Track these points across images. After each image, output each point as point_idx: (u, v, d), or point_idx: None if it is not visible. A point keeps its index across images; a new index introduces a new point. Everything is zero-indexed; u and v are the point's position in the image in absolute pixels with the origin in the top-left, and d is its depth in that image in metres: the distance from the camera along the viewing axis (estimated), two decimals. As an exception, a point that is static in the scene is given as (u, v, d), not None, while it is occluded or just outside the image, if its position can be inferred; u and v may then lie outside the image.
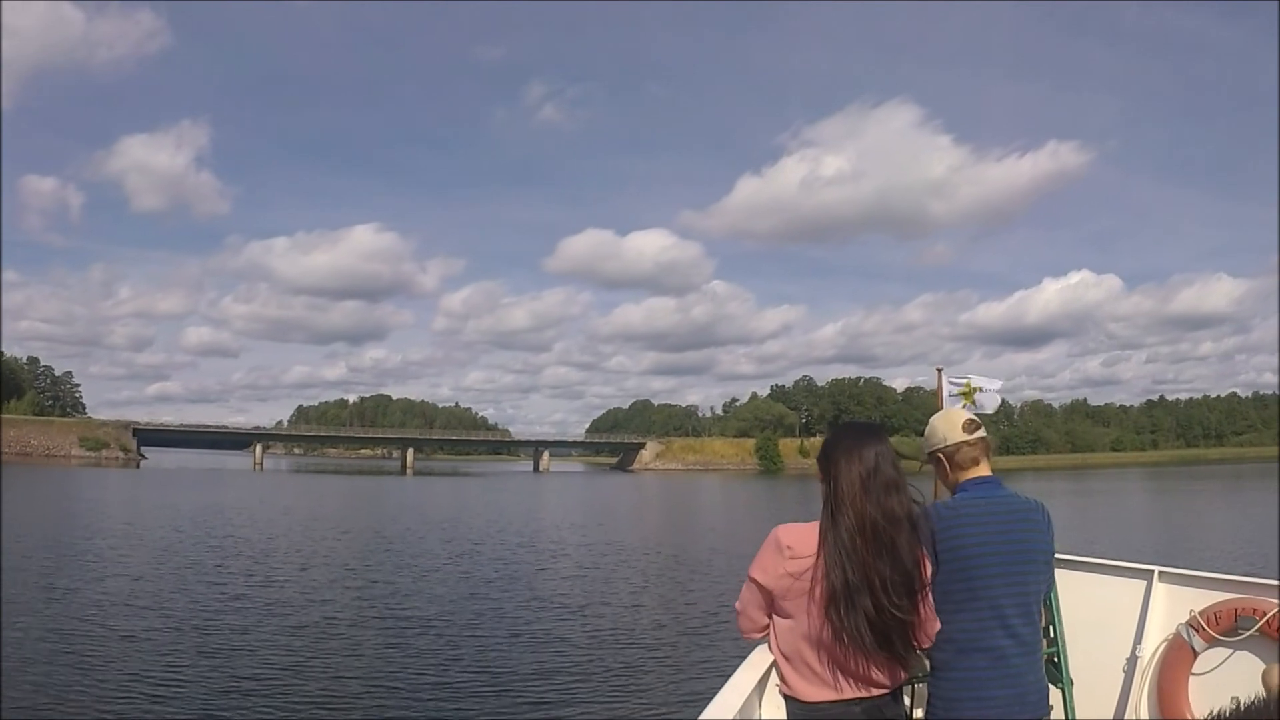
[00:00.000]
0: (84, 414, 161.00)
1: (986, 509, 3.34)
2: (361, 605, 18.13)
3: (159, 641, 14.24)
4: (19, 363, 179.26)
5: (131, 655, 13.33)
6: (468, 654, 14.01)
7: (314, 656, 13.62)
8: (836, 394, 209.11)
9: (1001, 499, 3.40)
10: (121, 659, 13.10)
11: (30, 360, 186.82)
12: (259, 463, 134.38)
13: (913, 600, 3.02)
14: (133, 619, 16.01)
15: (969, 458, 3.49)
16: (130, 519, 37.24)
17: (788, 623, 3.09)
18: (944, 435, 3.53)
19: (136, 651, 13.58)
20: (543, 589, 20.75)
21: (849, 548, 2.96)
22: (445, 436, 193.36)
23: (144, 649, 13.74)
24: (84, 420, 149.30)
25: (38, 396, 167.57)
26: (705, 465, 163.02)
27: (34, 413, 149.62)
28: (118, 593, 18.77)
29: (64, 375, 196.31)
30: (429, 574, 22.77)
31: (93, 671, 12.34)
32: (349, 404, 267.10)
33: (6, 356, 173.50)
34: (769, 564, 3.10)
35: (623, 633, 15.91)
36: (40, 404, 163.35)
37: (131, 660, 13.04)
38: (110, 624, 15.49)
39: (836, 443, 3.17)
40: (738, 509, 60.42)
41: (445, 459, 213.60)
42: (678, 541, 33.97)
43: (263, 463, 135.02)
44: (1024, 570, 3.29)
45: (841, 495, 3.04)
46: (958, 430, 3.51)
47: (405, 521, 40.45)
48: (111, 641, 14.22)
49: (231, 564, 23.68)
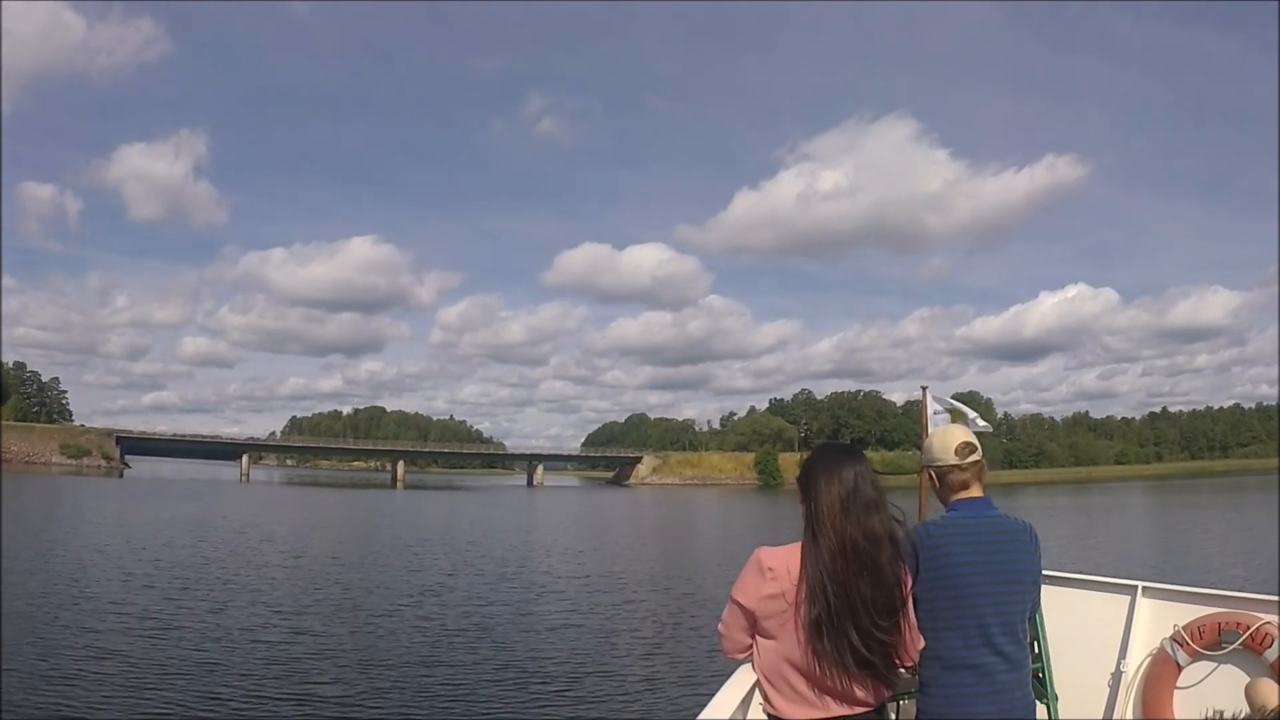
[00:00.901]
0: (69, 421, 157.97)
1: (975, 528, 3.43)
2: (328, 628, 17.39)
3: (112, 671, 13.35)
4: (5, 368, 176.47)
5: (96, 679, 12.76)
6: (445, 675, 13.76)
7: (282, 679, 13.13)
8: (836, 407, 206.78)
9: (990, 519, 3.48)
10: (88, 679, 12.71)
11: (17, 365, 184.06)
12: (245, 474, 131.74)
13: (895, 619, 3.05)
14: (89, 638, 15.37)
15: (959, 481, 3.56)
16: (87, 531, 35.74)
17: (770, 643, 3.10)
18: (937, 455, 3.61)
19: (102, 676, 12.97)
20: (525, 607, 20.56)
21: (830, 569, 2.98)
22: (437, 449, 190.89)
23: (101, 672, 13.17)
24: (66, 427, 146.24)
25: (22, 402, 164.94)
26: (703, 480, 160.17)
27: (16, 418, 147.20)
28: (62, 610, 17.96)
29: (50, 381, 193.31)
30: (401, 597, 21.52)
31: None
32: (342, 416, 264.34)
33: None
34: (750, 586, 3.11)
35: (606, 651, 15.82)
36: (25, 410, 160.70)
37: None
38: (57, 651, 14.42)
39: (815, 464, 3.20)
40: (736, 525, 59.01)
41: (439, 472, 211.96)
42: (670, 558, 33.88)
43: (249, 474, 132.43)
44: (1010, 590, 3.38)
45: (822, 516, 3.05)
46: (950, 453, 3.57)
47: (383, 539, 38.65)
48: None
49: (191, 583, 22.52)
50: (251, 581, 23.25)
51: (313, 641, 15.87)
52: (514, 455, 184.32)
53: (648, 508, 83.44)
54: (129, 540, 32.37)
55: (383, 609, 19.56)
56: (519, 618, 18.99)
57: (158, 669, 13.32)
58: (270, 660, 14.27)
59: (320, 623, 17.74)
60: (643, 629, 18.15)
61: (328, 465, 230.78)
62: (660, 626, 18.39)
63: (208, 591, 21.17)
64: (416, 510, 66.26)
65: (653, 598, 22.48)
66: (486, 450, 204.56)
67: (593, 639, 16.88)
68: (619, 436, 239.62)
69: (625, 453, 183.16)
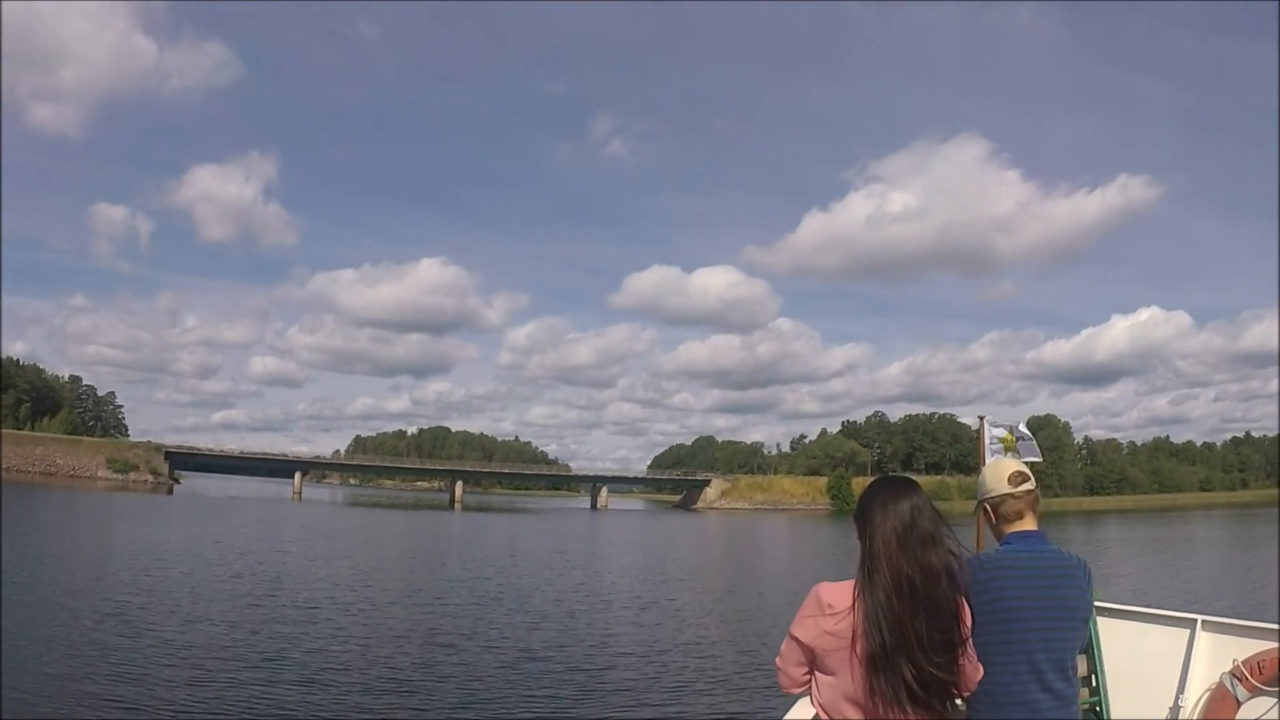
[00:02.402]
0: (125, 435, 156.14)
1: (1029, 563, 3.41)
2: (344, 650, 17.00)
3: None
4: (60, 380, 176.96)
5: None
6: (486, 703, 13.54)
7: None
8: (910, 430, 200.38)
9: (1044, 554, 3.45)
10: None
11: (73, 379, 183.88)
12: (298, 492, 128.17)
13: (952, 655, 3.01)
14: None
15: (1013, 510, 3.53)
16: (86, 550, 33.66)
17: (829, 679, 3.07)
18: (991, 486, 3.58)
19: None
20: (583, 635, 19.92)
21: (885, 606, 2.94)
22: (496, 469, 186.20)
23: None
24: (113, 441, 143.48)
25: (75, 416, 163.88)
26: (773, 505, 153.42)
27: (67, 431, 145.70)
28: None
29: (106, 396, 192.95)
30: (431, 633, 19.55)
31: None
32: (406, 435, 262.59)
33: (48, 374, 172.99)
34: (809, 621, 3.09)
35: (665, 683, 15.54)
36: (76, 423, 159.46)
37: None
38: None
39: (871, 498, 3.17)
40: (806, 554, 56.33)
41: (503, 493, 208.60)
42: (736, 588, 33.06)
43: (302, 492, 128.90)
44: (1062, 626, 3.36)
45: (877, 551, 3.03)
46: (1003, 482, 3.54)
47: (421, 564, 36.42)
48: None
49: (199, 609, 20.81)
50: (272, 608, 21.65)
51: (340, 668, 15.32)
52: (578, 477, 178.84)
53: (715, 534, 79.55)
54: (143, 559, 30.81)
55: (409, 638, 18.58)
56: (570, 646, 18.38)
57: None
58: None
59: (336, 645, 17.31)
60: (703, 660, 17.71)
61: (391, 485, 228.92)
62: (722, 658, 17.98)
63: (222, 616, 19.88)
64: (466, 533, 62.72)
65: (716, 628, 22.10)
66: (550, 471, 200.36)
67: (651, 669, 16.50)
68: (686, 459, 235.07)
69: (693, 475, 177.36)
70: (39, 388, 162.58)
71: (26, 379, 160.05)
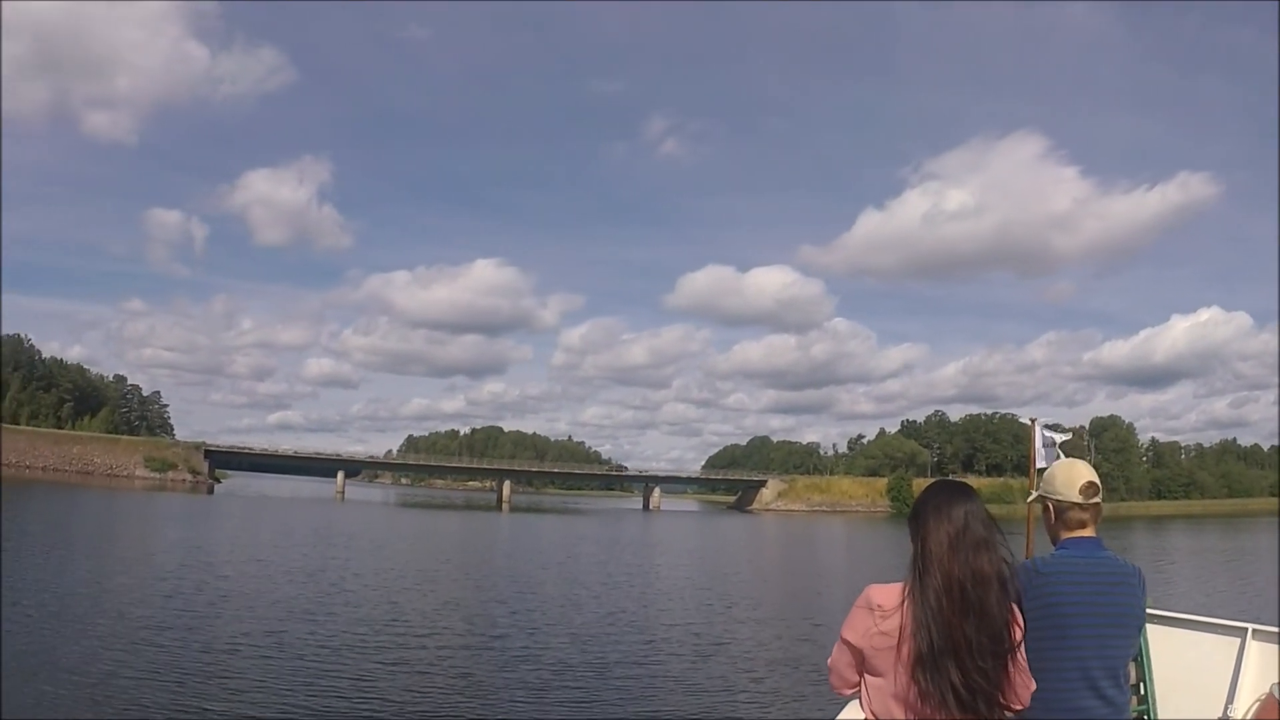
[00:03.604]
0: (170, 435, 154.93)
1: (1084, 569, 3.39)
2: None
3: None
4: (105, 380, 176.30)
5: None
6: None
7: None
8: (971, 430, 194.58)
9: (1099, 560, 3.43)
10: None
11: (117, 379, 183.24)
12: (341, 491, 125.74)
13: (1000, 662, 3.00)
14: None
15: (1076, 519, 3.51)
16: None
17: (878, 681, 3.07)
18: (1060, 489, 3.54)
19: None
20: (629, 638, 20.03)
21: (934, 609, 2.95)
22: (546, 469, 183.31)
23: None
24: (152, 440, 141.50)
25: (118, 415, 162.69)
26: (831, 506, 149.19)
27: (108, 430, 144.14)
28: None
29: (151, 395, 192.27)
30: (459, 639, 18.99)
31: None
32: (459, 435, 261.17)
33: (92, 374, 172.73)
34: (859, 624, 3.10)
35: (716, 684, 15.79)
36: (117, 423, 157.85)
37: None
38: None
39: (925, 502, 3.18)
40: (870, 557, 54.49)
41: (555, 494, 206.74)
42: (792, 591, 32.90)
43: (344, 492, 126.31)
44: (1116, 634, 3.36)
45: (929, 555, 3.04)
46: (1074, 491, 3.50)
47: (450, 570, 33.75)
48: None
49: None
50: (266, 614, 20.63)
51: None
52: (629, 477, 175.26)
53: (773, 536, 76.22)
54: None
55: (428, 647, 17.79)
56: (613, 649, 18.47)
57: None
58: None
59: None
60: (755, 662, 18.06)
61: (443, 485, 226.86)
62: (774, 660, 18.37)
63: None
64: (506, 536, 59.88)
65: (771, 630, 22.29)
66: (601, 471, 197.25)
67: (702, 671, 16.85)
68: (741, 460, 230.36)
69: (749, 476, 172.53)
70: (82, 387, 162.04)
71: (70, 378, 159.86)
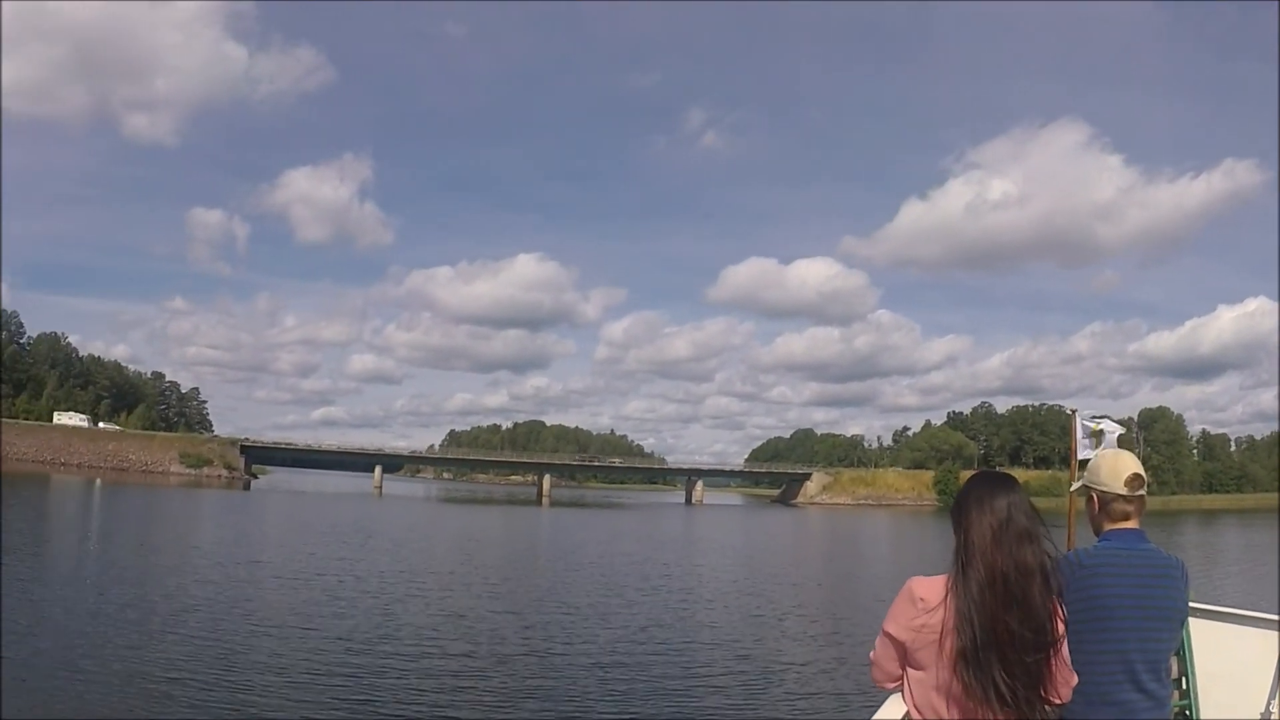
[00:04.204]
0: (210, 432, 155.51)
1: (1127, 561, 3.37)
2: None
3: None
4: (142, 377, 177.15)
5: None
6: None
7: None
8: (1018, 422, 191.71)
9: (1143, 553, 3.41)
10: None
11: (155, 375, 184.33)
12: (379, 487, 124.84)
13: (1043, 655, 2.99)
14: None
15: (1120, 511, 3.48)
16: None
17: (920, 674, 3.07)
18: (1105, 480, 3.52)
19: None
20: (661, 633, 20.03)
21: (977, 601, 2.95)
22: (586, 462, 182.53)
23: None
24: (187, 436, 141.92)
25: (154, 412, 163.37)
26: (877, 500, 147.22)
27: (144, 427, 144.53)
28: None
29: (190, 392, 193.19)
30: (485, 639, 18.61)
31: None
32: (501, 429, 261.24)
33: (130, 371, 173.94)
34: (901, 616, 3.09)
35: (758, 678, 15.98)
36: (154, 419, 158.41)
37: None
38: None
39: (967, 493, 3.18)
40: (918, 550, 52.59)
41: (598, 487, 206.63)
42: (836, 584, 33.12)
43: (382, 487, 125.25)
44: (1158, 627, 3.33)
45: (972, 547, 3.03)
46: (1120, 483, 3.48)
47: (474, 571, 31.23)
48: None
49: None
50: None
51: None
52: (672, 470, 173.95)
53: (821, 531, 73.43)
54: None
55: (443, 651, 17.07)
56: (653, 644, 18.65)
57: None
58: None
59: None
60: (797, 656, 18.25)
61: (485, 479, 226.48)
62: (816, 653, 18.54)
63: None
64: (540, 533, 57.46)
65: (812, 624, 22.64)
66: (643, 464, 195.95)
67: (744, 664, 17.01)
68: (784, 453, 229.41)
69: (793, 469, 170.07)
70: (119, 384, 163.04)
71: (107, 375, 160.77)
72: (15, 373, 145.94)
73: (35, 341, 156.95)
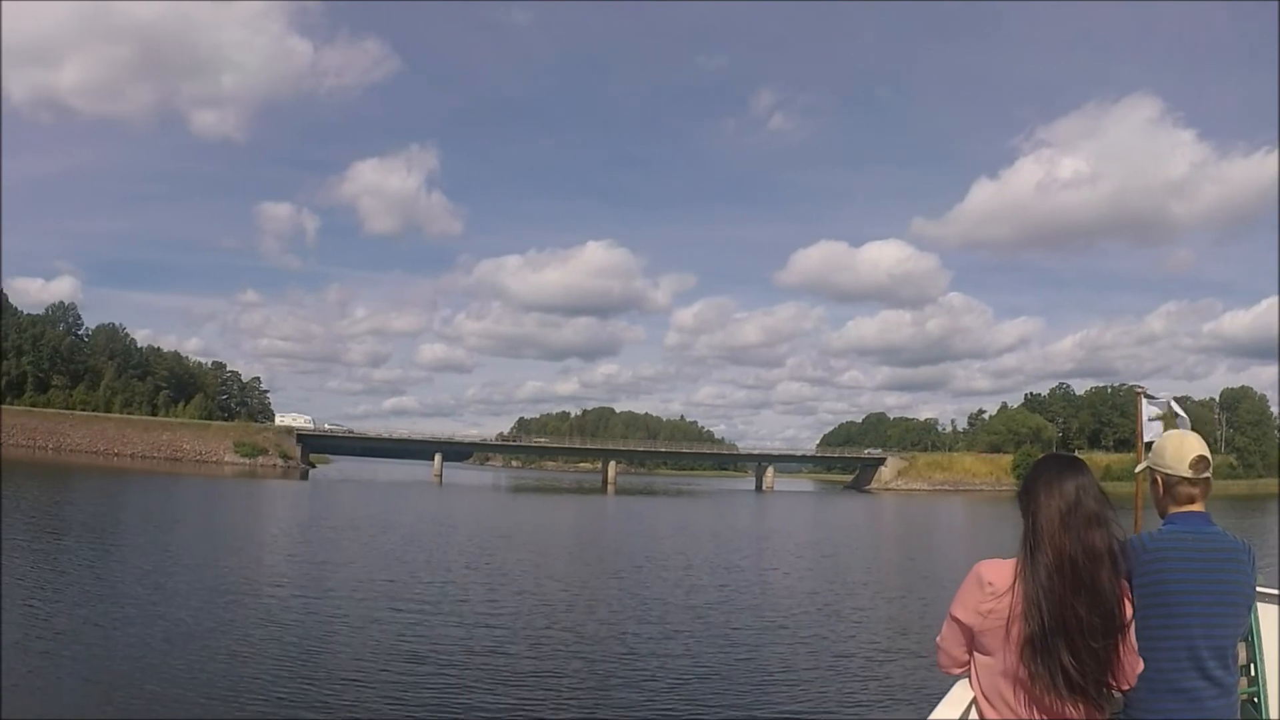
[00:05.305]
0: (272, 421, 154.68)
1: (1192, 545, 3.29)
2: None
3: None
4: (203, 367, 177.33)
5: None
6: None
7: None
8: (1097, 404, 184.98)
9: (1208, 536, 3.33)
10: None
11: (215, 365, 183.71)
12: (439, 474, 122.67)
13: (1110, 641, 2.99)
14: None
15: (1185, 494, 3.41)
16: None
17: (987, 660, 3.08)
18: (1170, 463, 3.44)
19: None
20: (736, 618, 20.42)
21: (1046, 586, 2.95)
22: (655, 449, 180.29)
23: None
24: (241, 425, 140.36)
25: (213, 402, 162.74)
26: (954, 485, 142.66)
27: (202, 417, 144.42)
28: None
29: (251, 381, 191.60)
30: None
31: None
32: (570, 417, 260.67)
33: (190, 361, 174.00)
34: (970, 600, 3.10)
35: (826, 663, 16.24)
36: (212, 409, 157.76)
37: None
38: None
39: (1036, 476, 3.16)
40: (1001, 538, 46.48)
41: (667, 474, 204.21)
42: (911, 570, 33.00)
43: (442, 475, 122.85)
44: (1224, 612, 3.25)
45: (1040, 531, 3.02)
46: (1184, 465, 3.39)
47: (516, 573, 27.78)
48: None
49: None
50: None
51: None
52: (742, 456, 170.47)
53: (897, 520, 69.70)
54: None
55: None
56: (727, 629, 18.90)
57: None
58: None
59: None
60: (867, 639, 18.47)
61: (553, 466, 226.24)
62: (886, 638, 18.66)
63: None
64: (601, 523, 54.19)
65: (882, 609, 22.83)
66: (712, 450, 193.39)
67: (813, 646, 17.47)
68: (856, 438, 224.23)
69: (866, 453, 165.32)
70: (179, 374, 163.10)
71: (166, 366, 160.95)
72: (73, 364, 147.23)
73: (94, 333, 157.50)
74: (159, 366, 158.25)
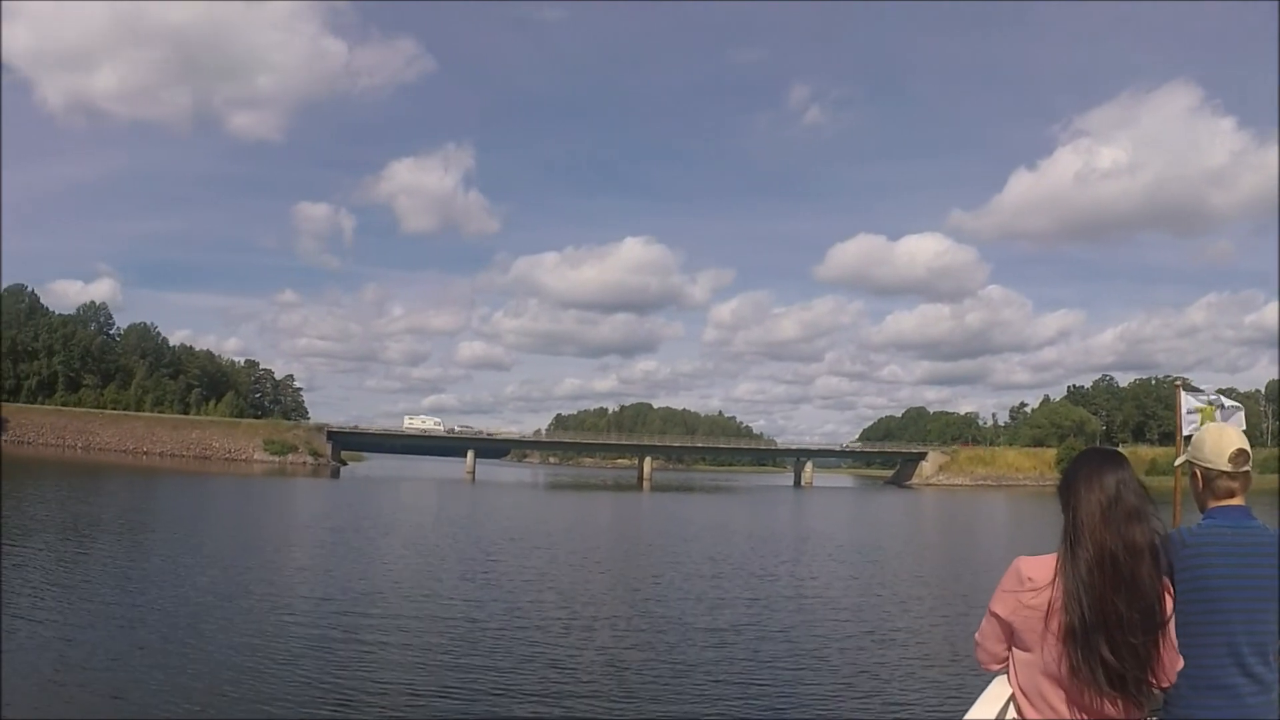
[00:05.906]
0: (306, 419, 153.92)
1: (1232, 540, 3.27)
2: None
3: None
4: (235, 365, 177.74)
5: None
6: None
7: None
8: (1141, 396, 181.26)
9: (1249, 530, 3.30)
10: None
11: (249, 364, 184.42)
12: (470, 472, 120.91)
13: (1151, 637, 2.95)
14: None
15: (1225, 488, 3.37)
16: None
17: (1026, 656, 3.06)
18: (1209, 456, 3.40)
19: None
20: (772, 614, 20.71)
21: (1086, 582, 2.92)
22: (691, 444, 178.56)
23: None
24: (271, 422, 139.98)
25: (243, 400, 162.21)
26: (997, 480, 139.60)
27: (232, 415, 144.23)
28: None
29: (284, 379, 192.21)
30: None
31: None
32: (607, 413, 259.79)
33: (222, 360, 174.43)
34: (1008, 596, 3.09)
35: (864, 658, 16.41)
36: (243, 407, 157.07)
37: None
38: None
39: (1076, 470, 3.13)
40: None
41: (706, 470, 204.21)
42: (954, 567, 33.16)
43: (475, 472, 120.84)
44: (1264, 607, 3.20)
45: (1081, 525, 2.99)
46: (1224, 459, 3.36)
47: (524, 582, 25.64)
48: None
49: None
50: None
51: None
52: (780, 451, 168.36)
53: (941, 517, 67.34)
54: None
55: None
56: (765, 628, 18.96)
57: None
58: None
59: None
60: (905, 635, 18.83)
61: (591, 463, 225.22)
62: (926, 634, 19.16)
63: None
64: (632, 523, 51.70)
65: (922, 605, 23.18)
66: (750, 445, 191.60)
67: (850, 645, 17.59)
68: (896, 432, 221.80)
69: (907, 448, 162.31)
70: (210, 373, 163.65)
71: (198, 364, 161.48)
72: (104, 364, 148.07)
73: (125, 333, 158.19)
74: (191, 365, 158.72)
